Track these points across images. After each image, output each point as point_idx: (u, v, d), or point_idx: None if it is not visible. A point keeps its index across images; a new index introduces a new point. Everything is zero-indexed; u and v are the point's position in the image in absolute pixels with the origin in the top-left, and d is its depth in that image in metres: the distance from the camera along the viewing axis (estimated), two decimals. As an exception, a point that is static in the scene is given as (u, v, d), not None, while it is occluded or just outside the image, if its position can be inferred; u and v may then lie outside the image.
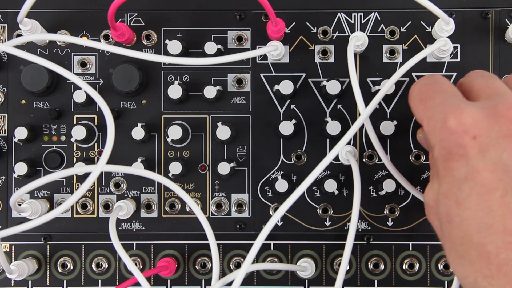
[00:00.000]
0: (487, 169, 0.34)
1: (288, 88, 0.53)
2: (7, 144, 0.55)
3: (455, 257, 0.36)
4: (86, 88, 0.46)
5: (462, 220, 0.35)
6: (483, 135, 0.35)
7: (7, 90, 0.55)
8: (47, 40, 0.55)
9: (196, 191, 0.55)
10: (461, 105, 0.37)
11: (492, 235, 0.33)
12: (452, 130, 0.36)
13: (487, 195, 0.34)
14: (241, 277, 0.47)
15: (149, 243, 0.56)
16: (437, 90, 0.40)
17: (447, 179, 0.36)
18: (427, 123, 0.39)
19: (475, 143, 0.35)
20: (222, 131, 0.53)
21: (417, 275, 0.56)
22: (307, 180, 0.48)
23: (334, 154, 0.48)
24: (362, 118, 0.48)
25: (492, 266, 0.33)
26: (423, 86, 0.42)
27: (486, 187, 0.34)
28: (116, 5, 0.46)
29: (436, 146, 0.37)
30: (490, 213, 0.34)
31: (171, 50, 0.53)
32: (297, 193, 0.48)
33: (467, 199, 0.35)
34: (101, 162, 0.44)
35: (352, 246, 0.49)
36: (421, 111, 0.40)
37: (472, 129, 0.35)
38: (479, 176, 0.34)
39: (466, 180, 0.35)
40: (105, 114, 0.45)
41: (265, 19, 0.55)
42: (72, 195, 0.44)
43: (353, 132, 0.48)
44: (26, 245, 0.56)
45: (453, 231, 0.36)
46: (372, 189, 0.55)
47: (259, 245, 0.48)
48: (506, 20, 0.55)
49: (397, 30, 0.55)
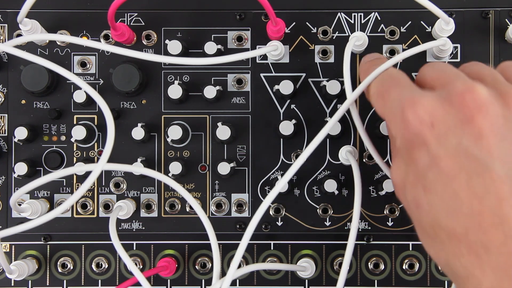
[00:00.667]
0: (448, 156, 0.35)
1: (288, 88, 0.53)
2: (7, 144, 0.55)
3: (425, 238, 0.38)
4: (86, 88, 0.46)
5: (430, 206, 0.36)
6: (440, 122, 0.36)
7: (7, 90, 0.55)
8: (47, 40, 0.55)
9: (196, 191, 0.55)
10: (416, 96, 0.37)
11: (460, 218, 0.34)
12: (409, 121, 0.36)
13: (452, 181, 0.34)
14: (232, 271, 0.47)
15: (149, 243, 0.56)
16: (393, 84, 0.41)
17: (412, 167, 0.37)
18: (388, 117, 0.40)
19: (433, 131, 0.36)
20: (222, 131, 0.53)
21: (417, 275, 0.56)
22: (299, 159, 0.48)
23: (322, 136, 0.48)
24: (348, 101, 0.48)
25: (462, 246, 0.34)
26: (379, 82, 0.43)
27: (449, 173, 0.35)
28: (116, 5, 0.46)
29: (397, 138, 0.38)
30: (456, 198, 0.34)
31: (171, 50, 0.53)
32: (293, 168, 0.48)
33: (433, 186, 0.35)
34: (101, 161, 0.44)
35: (353, 246, 0.49)
36: (381, 106, 0.41)
37: (428, 118, 0.36)
38: (441, 163, 0.35)
39: (430, 168, 0.35)
40: (105, 114, 0.45)
41: (265, 19, 0.55)
42: (72, 195, 0.44)
43: (341, 113, 0.48)
44: (26, 245, 0.56)
45: (422, 216, 0.37)
46: (372, 189, 0.55)
47: (251, 232, 0.47)
48: (506, 20, 0.55)
49: (397, 30, 0.55)
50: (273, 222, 0.55)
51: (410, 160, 0.37)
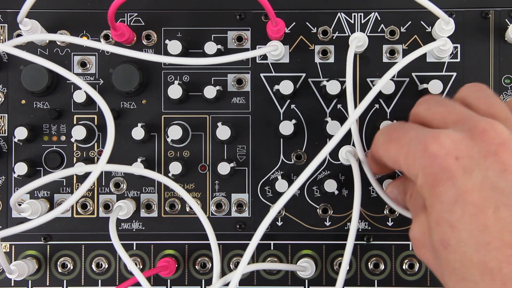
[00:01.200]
0: (475, 189, 0.35)
1: (288, 88, 0.53)
2: (7, 144, 0.55)
3: (456, 280, 0.36)
4: (86, 88, 0.46)
5: (459, 243, 0.35)
6: (465, 156, 0.36)
7: (7, 90, 0.55)
8: (47, 40, 0.55)
9: (196, 191, 0.55)
10: (436, 132, 0.37)
11: (491, 251, 0.34)
12: (434, 154, 0.36)
13: (480, 214, 0.34)
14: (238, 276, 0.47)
15: (149, 243, 0.56)
16: (406, 128, 0.40)
17: (436, 206, 0.36)
18: (405, 158, 0.39)
19: (459, 164, 0.35)
20: (222, 131, 0.53)
21: (417, 275, 0.56)
22: (300, 177, 0.47)
23: (324, 154, 0.47)
24: (350, 120, 0.47)
25: (496, 281, 0.33)
26: (388, 131, 0.42)
27: (477, 206, 0.34)
28: (116, 5, 0.46)
29: (419, 176, 0.37)
30: (486, 231, 0.34)
31: (171, 50, 0.53)
32: (291, 191, 0.47)
33: (461, 221, 0.35)
34: (101, 162, 0.44)
35: (352, 246, 0.49)
36: (395, 150, 0.40)
37: (453, 151, 0.36)
38: (468, 196, 0.35)
39: (456, 202, 0.35)
40: (105, 114, 0.45)
41: (265, 19, 0.55)
42: (72, 195, 0.45)
43: (342, 133, 0.47)
44: (26, 245, 0.56)
45: (451, 255, 0.36)
46: (372, 189, 0.55)
47: (255, 243, 0.47)
48: (506, 20, 0.55)
49: (397, 30, 0.55)
50: (273, 222, 0.55)
51: (434, 197, 0.36)
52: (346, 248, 0.49)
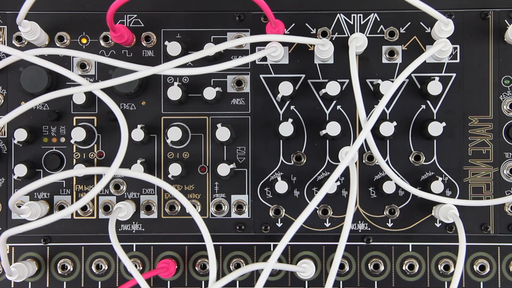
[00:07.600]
0: None
1: (288, 89, 0.53)
2: (7, 145, 0.55)
3: None
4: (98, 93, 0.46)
5: None
6: None
7: (6, 91, 0.55)
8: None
9: (196, 192, 0.55)
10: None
11: None
12: None
13: None
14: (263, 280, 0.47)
15: (149, 245, 0.56)
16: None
17: None
18: None
19: None
20: (221, 132, 0.53)
21: (417, 276, 0.56)
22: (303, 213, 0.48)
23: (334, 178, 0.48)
24: (364, 133, 0.48)
25: None
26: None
27: None
28: (115, 7, 0.46)
29: None
30: None
31: (171, 51, 0.53)
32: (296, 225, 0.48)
33: None
34: (114, 165, 0.44)
35: (346, 238, 0.48)
36: None
37: None
38: None
39: None
40: (115, 112, 0.45)
41: (264, 20, 0.55)
42: (85, 194, 0.45)
43: (357, 146, 0.48)
44: (26, 247, 0.56)
45: None
46: (372, 190, 0.55)
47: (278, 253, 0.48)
48: (506, 21, 0.55)
49: (397, 31, 0.55)
50: (272, 223, 0.55)
51: None
52: (339, 243, 0.48)
